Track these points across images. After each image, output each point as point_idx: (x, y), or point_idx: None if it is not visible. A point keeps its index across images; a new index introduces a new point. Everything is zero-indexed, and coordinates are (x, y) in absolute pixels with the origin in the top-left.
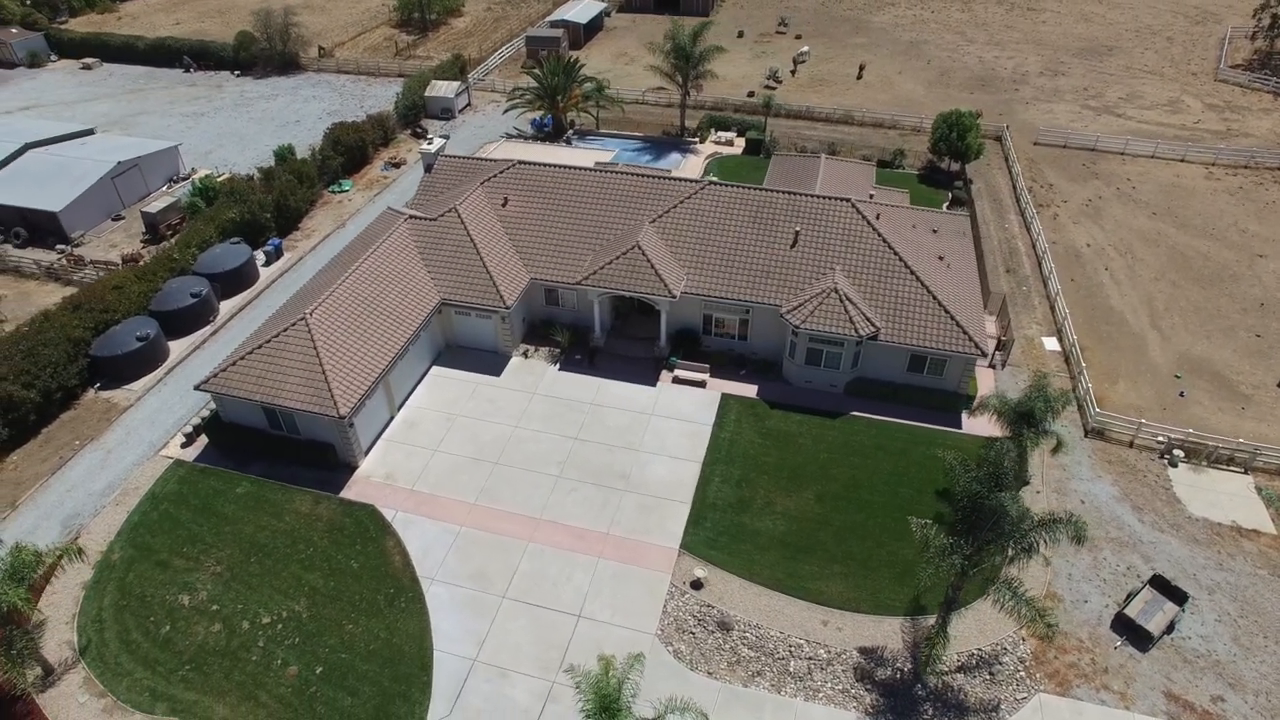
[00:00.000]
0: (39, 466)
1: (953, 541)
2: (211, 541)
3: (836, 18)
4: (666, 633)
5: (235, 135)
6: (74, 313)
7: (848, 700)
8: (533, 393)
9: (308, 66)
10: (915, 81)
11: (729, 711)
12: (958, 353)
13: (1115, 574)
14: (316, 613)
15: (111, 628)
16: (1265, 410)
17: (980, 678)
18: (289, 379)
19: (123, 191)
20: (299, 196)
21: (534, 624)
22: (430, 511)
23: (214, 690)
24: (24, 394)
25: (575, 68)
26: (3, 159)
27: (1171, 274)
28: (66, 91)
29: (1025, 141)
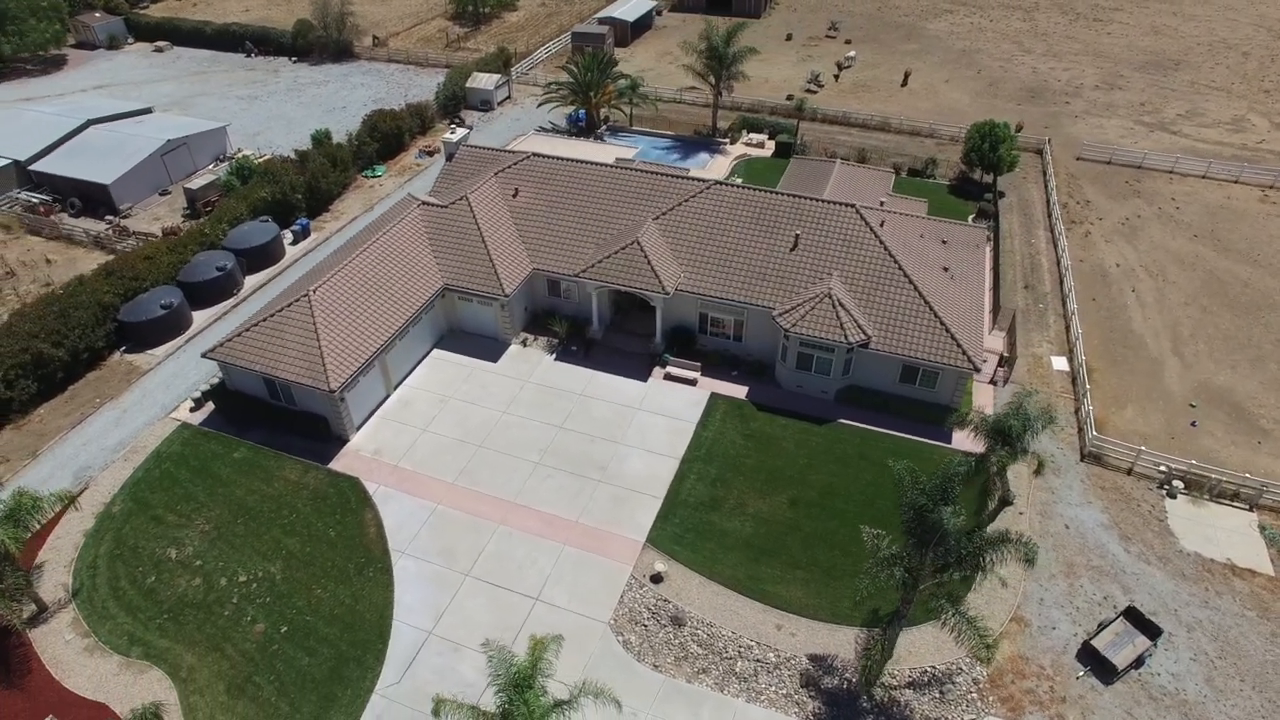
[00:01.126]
0: (61, 420)
1: (895, 553)
2: (204, 501)
3: (890, 24)
4: (619, 622)
5: (283, 119)
6: (106, 279)
7: (789, 705)
8: (526, 380)
9: (361, 55)
10: (962, 91)
11: (669, 705)
12: (950, 366)
13: (1090, 603)
14: (290, 575)
15: (103, 574)
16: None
17: (930, 696)
18: (288, 352)
19: (171, 168)
20: (331, 179)
21: (492, 603)
22: (410, 488)
23: (185, 639)
24: (53, 352)
25: (609, 64)
26: (66, 134)
27: (1204, 299)
28: (137, 72)
29: (1067, 156)
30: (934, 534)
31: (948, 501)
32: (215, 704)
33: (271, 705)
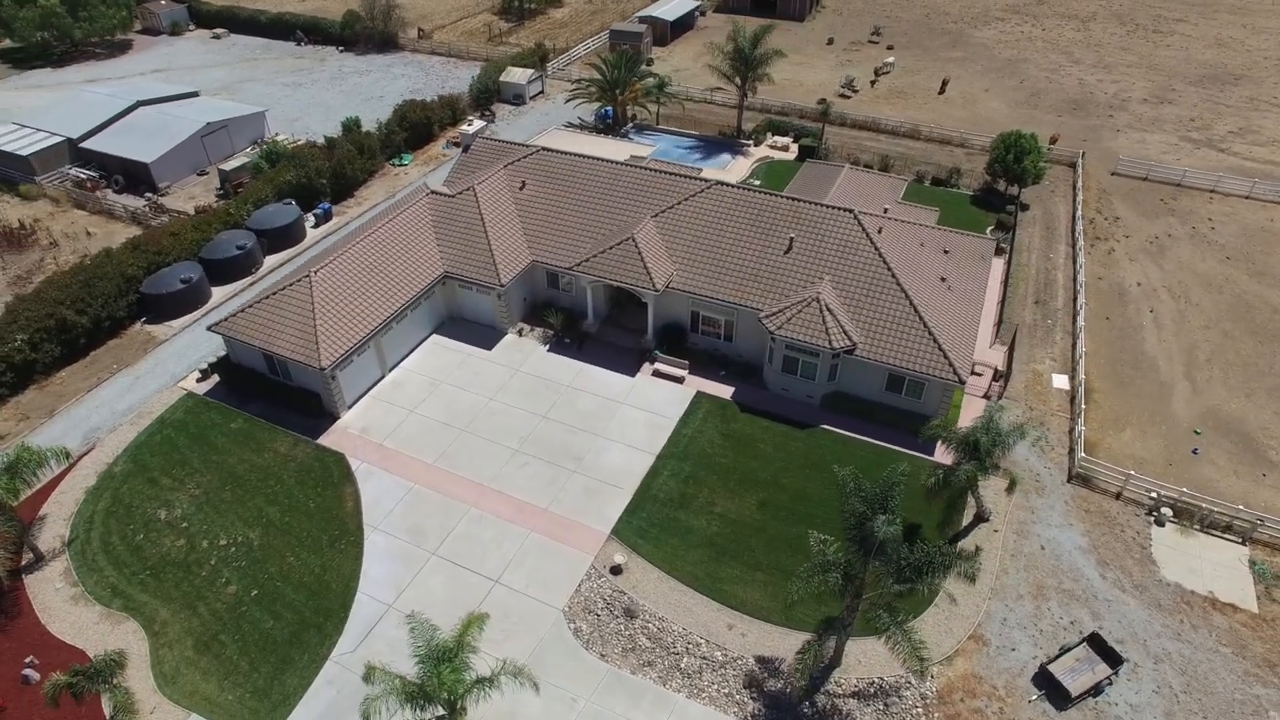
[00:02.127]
0: (80, 384)
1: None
2: (198, 467)
3: (937, 30)
4: (573, 610)
5: (323, 106)
6: (132, 252)
7: (729, 705)
8: (517, 369)
9: (405, 46)
10: (1001, 100)
11: (610, 694)
12: (936, 378)
13: (1055, 626)
14: (266, 542)
15: (97, 529)
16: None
17: (874, 707)
18: (286, 329)
19: (210, 149)
20: (357, 166)
21: (452, 582)
22: (391, 466)
23: (162, 596)
24: (76, 319)
25: (636, 63)
26: (116, 114)
27: (1227, 323)
28: (194, 58)
29: (1102, 170)
30: (873, 542)
31: (886, 510)
32: (182, 658)
33: (232, 663)
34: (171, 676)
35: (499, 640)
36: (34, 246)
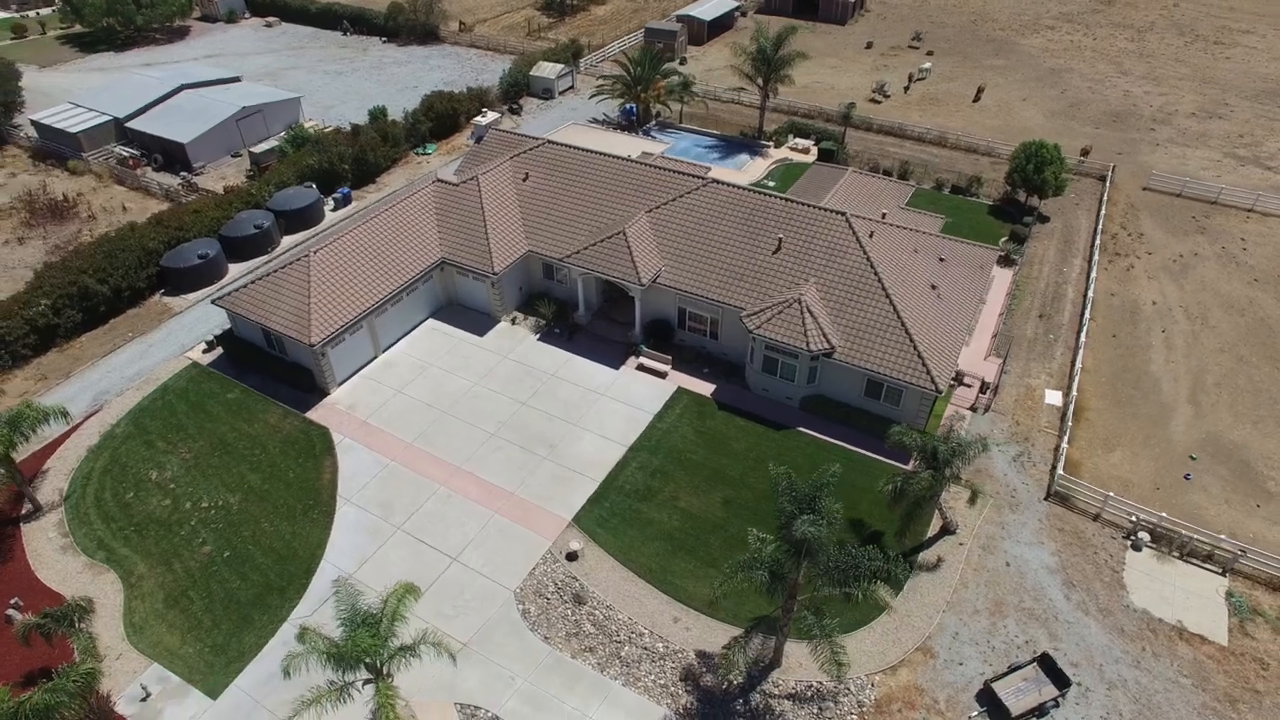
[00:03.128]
0: (96, 349)
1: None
2: (192, 433)
3: (982, 37)
4: (524, 592)
5: (360, 94)
6: (155, 227)
7: (663, 696)
8: (505, 356)
9: (446, 39)
10: (1037, 110)
11: (548, 676)
12: (913, 385)
13: (1009, 644)
14: (245, 507)
15: (93, 486)
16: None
17: (808, 710)
18: (282, 305)
19: (245, 133)
20: (380, 153)
21: (413, 557)
22: (371, 443)
23: (142, 551)
24: (98, 288)
25: (661, 61)
26: (160, 96)
27: (1244, 348)
28: (245, 45)
29: (1134, 185)
30: (803, 543)
31: (814, 511)
32: (151, 610)
33: (196, 619)
34: (140, 627)
35: (449, 615)
36: (74, 219)
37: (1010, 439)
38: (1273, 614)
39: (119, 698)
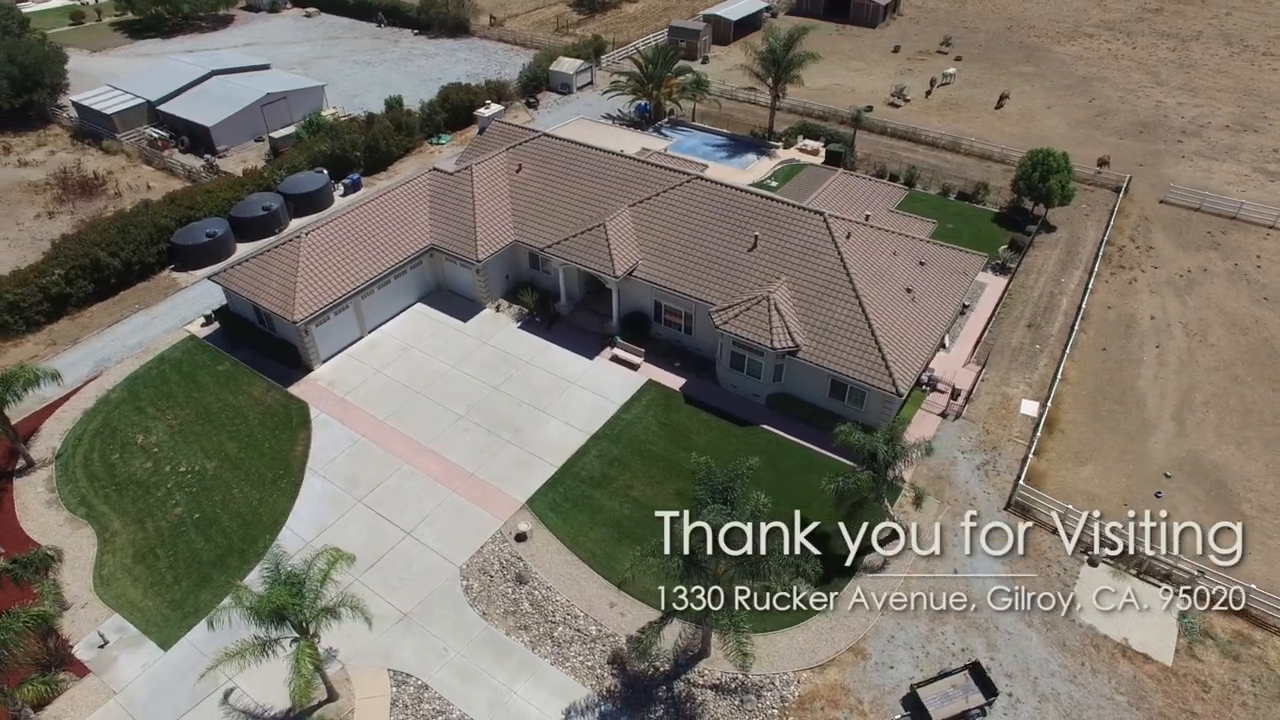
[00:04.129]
0: (104, 319)
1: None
2: (180, 400)
3: (1014, 44)
4: (468, 568)
5: (385, 84)
6: (168, 205)
7: (589, 677)
8: (484, 342)
9: (475, 33)
10: (1061, 119)
11: (480, 650)
12: (875, 387)
13: (944, 650)
14: (219, 473)
15: (84, 446)
16: (1255, 538)
17: (730, 702)
18: (271, 283)
19: (269, 118)
20: (393, 142)
21: (369, 529)
22: (345, 418)
23: (119, 510)
24: (110, 260)
25: (674, 59)
26: (192, 80)
27: (1241, 367)
28: (282, 34)
29: (1151, 197)
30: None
31: (726, 501)
32: (120, 564)
33: (159, 575)
34: (108, 580)
35: (395, 586)
36: (102, 195)
37: (978, 447)
38: (1224, 637)
39: (79, 643)
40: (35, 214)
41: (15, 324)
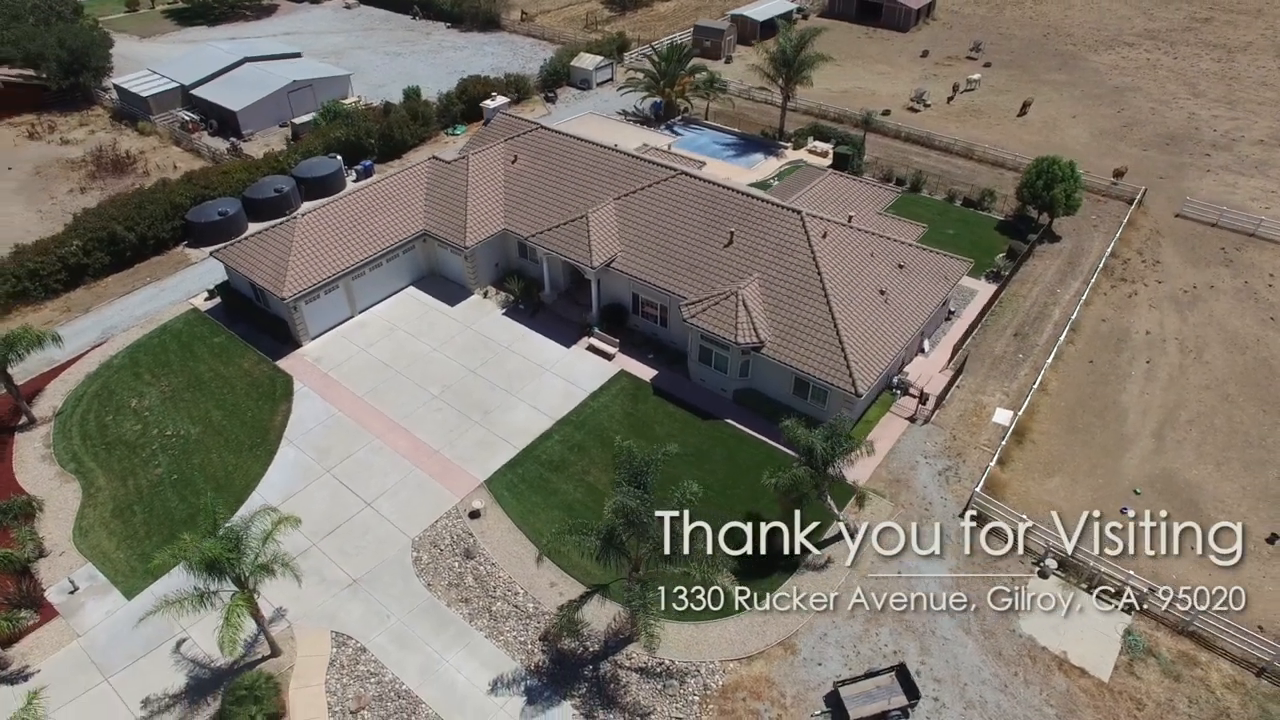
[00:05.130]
0: (117, 289)
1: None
2: (176, 369)
3: (1048, 51)
4: (420, 540)
5: (410, 75)
6: (184, 184)
7: (518, 652)
8: (468, 326)
9: (506, 27)
10: (1084, 128)
11: (419, 618)
12: (835, 387)
13: (875, 651)
14: (201, 439)
15: (82, 407)
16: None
17: (653, 686)
18: (265, 260)
19: (294, 105)
20: (408, 131)
21: (332, 498)
22: (326, 392)
23: (106, 467)
24: (126, 235)
25: (687, 58)
26: (224, 66)
27: (1233, 386)
28: (322, 24)
29: (1166, 211)
30: (630, 515)
31: (639, 485)
32: (99, 518)
33: (134, 529)
34: (86, 531)
35: (349, 553)
36: (132, 174)
37: (942, 453)
38: (1168, 657)
39: (52, 588)
40: (69, 189)
41: (35, 290)
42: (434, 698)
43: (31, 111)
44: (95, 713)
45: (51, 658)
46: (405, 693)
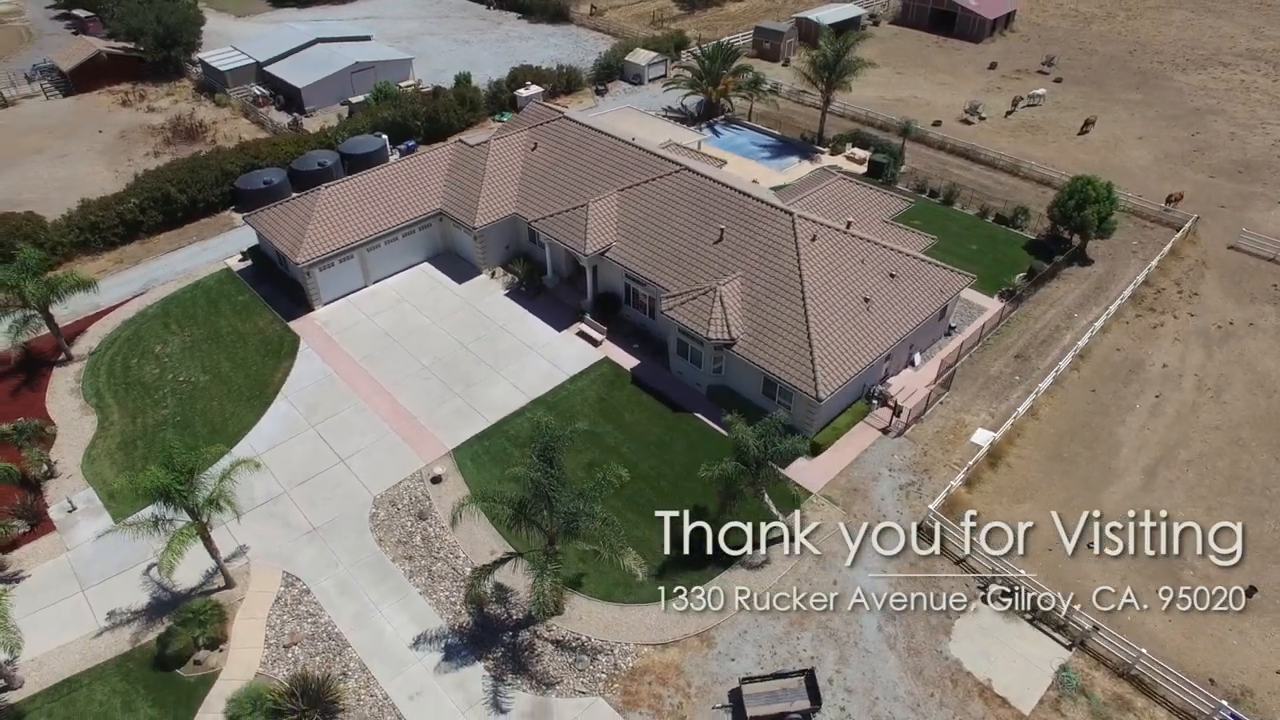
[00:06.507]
0: (165, 246)
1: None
2: (200, 321)
3: (1130, 69)
4: (380, 499)
5: (474, 62)
6: (236, 153)
7: (447, 611)
8: (469, 304)
9: (574, 21)
10: (1149, 150)
11: (363, 570)
12: (798, 389)
13: (793, 654)
14: (208, 386)
15: (113, 350)
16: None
17: (566, 659)
18: (286, 227)
19: (356, 84)
20: (455, 115)
21: (311, 451)
22: (327, 354)
23: (121, 404)
24: (178, 196)
25: (732, 58)
26: (297, 46)
27: (1249, 430)
28: (400, 10)
29: (1219, 241)
30: (538, 489)
31: (546, 461)
32: (106, 449)
33: (132, 462)
34: (93, 459)
35: (315, 503)
36: (201, 142)
37: (909, 467)
38: (1101, 698)
39: (54, 505)
40: (145, 153)
41: (94, 241)
42: (361, 643)
43: (129, 81)
44: (68, 617)
45: (43, 565)
46: (336, 635)
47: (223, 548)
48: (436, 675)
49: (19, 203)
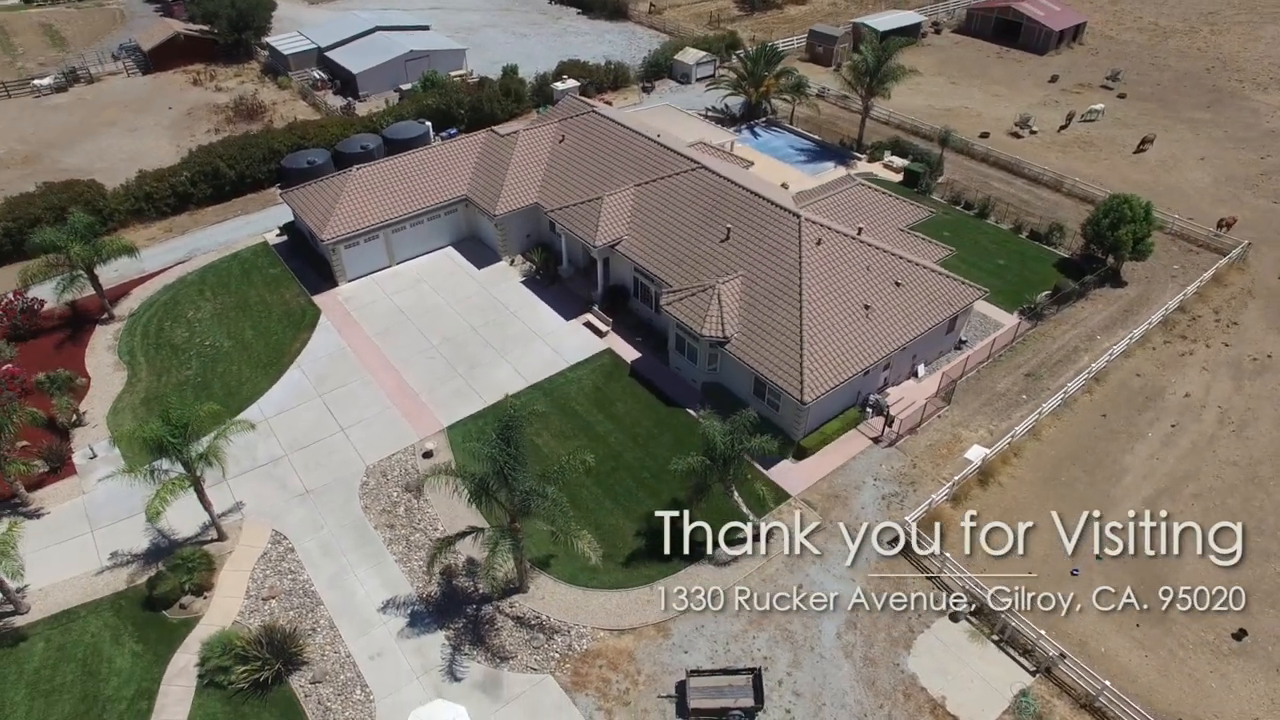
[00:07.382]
0: (212, 218)
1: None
2: (232, 290)
3: (1204, 86)
4: (372, 469)
5: (527, 55)
6: (284, 133)
7: (417, 580)
8: (485, 288)
9: (632, 18)
10: (1209, 172)
11: (345, 534)
12: (785, 391)
13: (746, 652)
14: (230, 351)
15: (151, 311)
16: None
17: (524, 635)
18: (317, 206)
19: (410, 72)
20: (499, 105)
21: (316, 418)
22: (343, 329)
23: (150, 363)
24: (227, 171)
25: (775, 60)
26: (358, 33)
27: (1269, 469)
28: (463, 1)
29: (1271, 270)
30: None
31: (508, 443)
32: (130, 403)
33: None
34: (118, 411)
35: (312, 467)
36: (260, 121)
37: (896, 478)
38: None
39: (77, 451)
40: (207, 130)
41: (148, 210)
42: (333, 601)
43: (202, 62)
44: (76, 554)
45: (60, 505)
46: (311, 593)
47: (221, 503)
48: (399, 639)
49: (91, 171)
